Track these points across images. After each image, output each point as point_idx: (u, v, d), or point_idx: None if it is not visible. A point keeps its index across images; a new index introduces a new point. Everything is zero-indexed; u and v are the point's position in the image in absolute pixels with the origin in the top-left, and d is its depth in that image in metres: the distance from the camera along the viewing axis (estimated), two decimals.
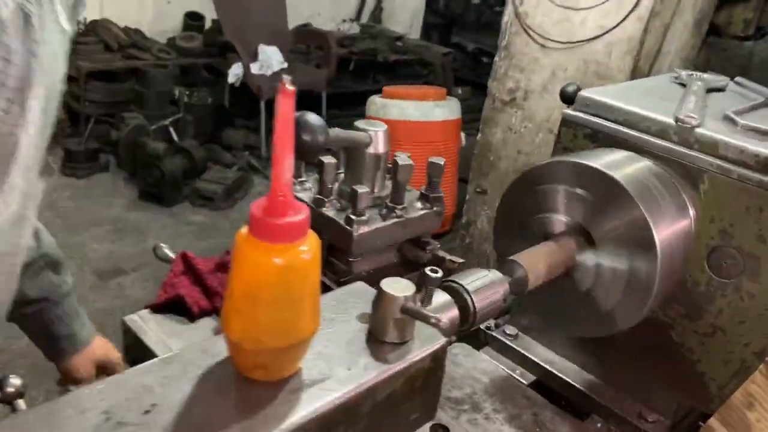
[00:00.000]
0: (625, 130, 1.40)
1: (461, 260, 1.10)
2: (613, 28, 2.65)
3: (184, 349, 0.76)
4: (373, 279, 1.19)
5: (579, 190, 1.26)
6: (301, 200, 1.16)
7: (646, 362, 1.45)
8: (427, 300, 0.97)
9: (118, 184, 5.62)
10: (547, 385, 1.59)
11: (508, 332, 1.67)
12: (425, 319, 0.80)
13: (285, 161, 0.65)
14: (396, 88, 4.29)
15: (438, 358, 0.86)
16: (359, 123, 1.13)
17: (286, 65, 6.58)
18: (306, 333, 0.72)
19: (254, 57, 6.44)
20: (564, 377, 1.56)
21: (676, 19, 2.62)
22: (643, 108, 1.40)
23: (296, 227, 0.68)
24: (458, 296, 1.03)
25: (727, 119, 1.38)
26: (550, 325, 1.44)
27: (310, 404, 0.72)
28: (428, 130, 3.67)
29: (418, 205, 1.19)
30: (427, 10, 9.35)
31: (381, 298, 0.83)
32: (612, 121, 1.43)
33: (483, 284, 1.04)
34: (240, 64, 6.06)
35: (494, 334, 1.69)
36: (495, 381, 1.53)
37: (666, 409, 1.46)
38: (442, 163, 1.17)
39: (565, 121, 1.49)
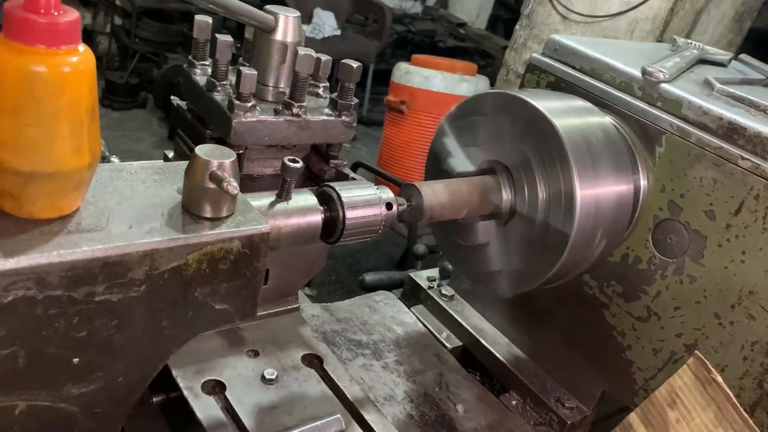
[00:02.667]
0: (588, 79, 1.27)
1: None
2: (640, 4, 2.44)
3: None
4: (267, 184, 1.11)
5: (513, 129, 1.13)
6: (195, 83, 1.06)
7: (576, 343, 1.33)
8: (285, 194, 0.88)
9: (152, 121, 5.66)
10: (471, 354, 1.47)
11: (444, 293, 1.56)
12: (223, 186, 0.69)
13: None
14: (426, 56, 4.17)
15: (255, 247, 0.76)
16: (270, 6, 1.03)
17: (338, 32, 6.53)
18: (63, 164, 0.63)
19: (308, 19, 6.40)
20: (490, 348, 1.44)
21: (712, 6, 2.40)
22: (612, 58, 1.26)
23: (52, 29, 0.58)
24: (330, 204, 0.93)
25: (706, 83, 1.22)
26: (453, 266, 1.32)
27: (58, 248, 0.63)
28: (451, 104, 3.55)
29: (327, 111, 1.08)
30: (497, 3, 9.13)
31: (191, 162, 0.73)
32: (577, 70, 1.29)
33: (362, 199, 0.94)
34: None
35: (430, 292, 1.58)
36: (410, 335, 1.43)
37: (589, 398, 1.33)
38: (356, 66, 1.05)
39: (530, 67, 1.36)
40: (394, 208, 0.98)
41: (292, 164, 0.85)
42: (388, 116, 4.41)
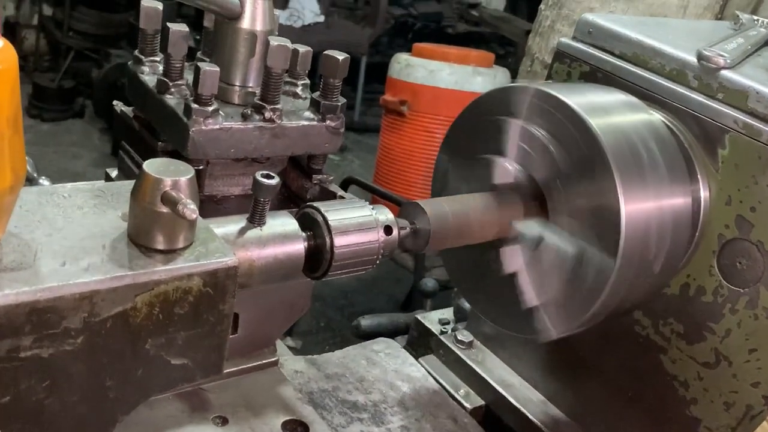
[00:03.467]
0: (631, 68, 1.28)
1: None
2: None
3: None
4: (235, 208, 1.12)
5: (540, 132, 1.14)
6: (143, 85, 1.08)
7: (628, 398, 1.32)
8: (257, 218, 0.89)
9: (91, 134, 5.71)
10: (496, 415, 1.48)
11: (460, 339, 1.56)
12: (178, 210, 0.70)
13: None
14: (431, 45, 4.22)
15: (219, 285, 0.77)
16: None
17: (322, 19, 6.61)
18: None
19: (284, 3, 6.49)
20: (520, 407, 1.44)
21: None
22: (660, 41, 1.27)
23: None
24: (315, 229, 0.94)
25: None
26: (472, 304, 1.33)
27: None
28: (462, 103, 3.58)
29: (307, 114, 1.10)
30: None
31: (139, 181, 0.74)
32: (617, 56, 1.31)
33: (355, 222, 0.95)
34: None
35: (442, 338, 1.58)
36: (419, 392, 1.43)
37: None
38: (342, 58, 1.07)
39: (559, 54, 1.38)
40: (395, 232, 0.99)
41: (266, 181, 0.85)
42: (386, 120, 4.44)
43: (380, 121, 4.60)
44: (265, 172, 0.86)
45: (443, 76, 4.00)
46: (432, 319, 1.64)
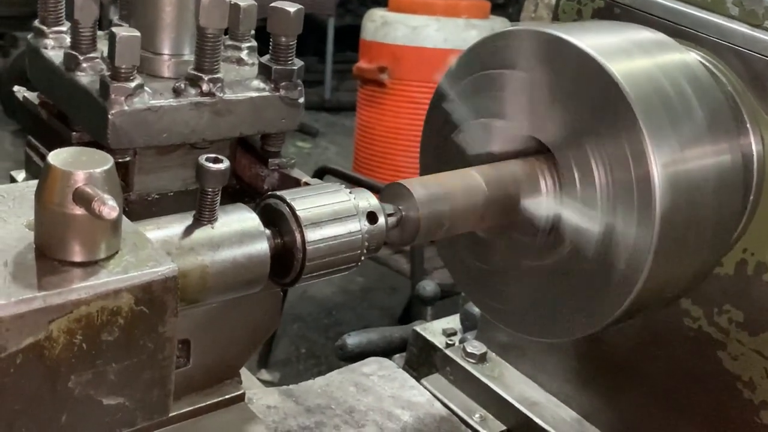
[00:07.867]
0: None
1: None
2: None
3: None
4: (175, 208, 1.11)
5: (548, 85, 1.14)
6: (48, 62, 1.06)
7: (681, 408, 1.33)
8: (207, 214, 0.88)
9: (2, 140, 5.68)
10: None
11: (470, 351, 1.56)
12: (93, 209, 0.69)
13: None
14: None
15: (156, 301, 0.76)
16: None
17: None
18: None
19: None
20: (550, 430, 1.44)
21: None
22: None
23: None
24: (281, 224, 0.93)
25: None
26: (480, 307, 1.36)
27: None
28: None
29: (256, 83, 1.10)
30: None
31: (43, 177, 0.73)
32: None
33: (329, 210, 0.95)
34: None
35: (449, 353, 1.57)
36: (423, 421, 1.43)
37: None
38: (294, 10, 1.05)
39: None
40: (381, 219, 0.98)
41: (213, 166, 0.84)
42: (363, 93, 4.44)
43: (356, 96, 4.60)
44: (210, 155, 0.85)
45: (429, 33, 4.01)
46: (434, 330, 1.64)
